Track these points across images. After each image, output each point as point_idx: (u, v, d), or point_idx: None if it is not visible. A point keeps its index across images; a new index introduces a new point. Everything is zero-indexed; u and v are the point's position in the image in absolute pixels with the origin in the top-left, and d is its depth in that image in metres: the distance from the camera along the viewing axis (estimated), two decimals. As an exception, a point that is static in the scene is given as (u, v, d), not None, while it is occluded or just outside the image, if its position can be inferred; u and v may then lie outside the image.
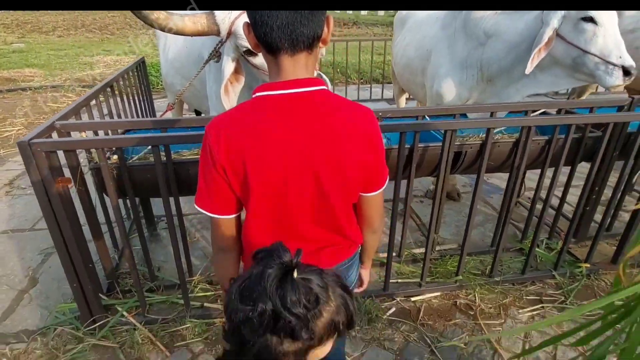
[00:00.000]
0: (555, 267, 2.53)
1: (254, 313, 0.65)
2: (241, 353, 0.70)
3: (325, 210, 1.04)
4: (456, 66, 2.67)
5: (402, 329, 2.15)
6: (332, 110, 0.96)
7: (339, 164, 0.97)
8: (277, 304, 0.64)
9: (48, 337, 2.07)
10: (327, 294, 0.71)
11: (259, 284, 0.66)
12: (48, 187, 1.70)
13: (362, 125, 0.99)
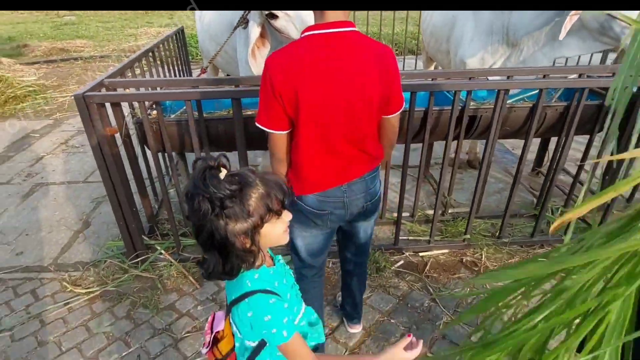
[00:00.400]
0: (566, 231, 2.58)
1: (194, 205, 0.85)
2: (203, 244, 0.90)
3: (355, 131, 1.29)
4: (481, 32, 2.69)
5: (408, 279, 2.33)
6: (363, 47, 1.23)
7: (365, 91, 1.24)
8: (206, 191, 0.84)
9: (99, 268, 2.42)
10: (255, 182, 0.88)
11: (192, 184, 0.87)
12: (99, 135, 1.98)
13: (385, 60, 1.26)
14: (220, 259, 0.90)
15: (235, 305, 0.96)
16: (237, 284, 0.96)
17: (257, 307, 0.93)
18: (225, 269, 0.91)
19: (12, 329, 2.04)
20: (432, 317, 2.07)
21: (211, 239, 0.88)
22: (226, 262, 0.91)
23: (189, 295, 2.23)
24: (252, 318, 0.93)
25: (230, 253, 0.89)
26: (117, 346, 1.94)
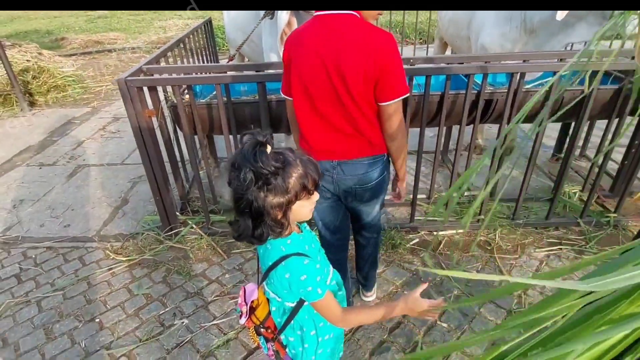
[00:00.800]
0: (581, 215, 2.64)
1: (239, 174, 0.94)
2: (239, 209, 1.00)
3: (341, 107, 1.39)
4: (501, 18, 2.74)
5: (421, 256, 2.45)
6: (353, 29, 1.31)
7: (340, 68, 1.32)
8: (254, 165, 0.93)
9: (137, 239, 2.66)
10: (295, 162, 0.99)
11: (242, 156, 0.95)
12: (139, 116, 2.18)
13: (373, 44, 1.30)
14: (252, 225, 0.99)
15: (274, 270, 1.07)
16: (272, 252, 1.07)
17: (293, 268, 1.04)
18: (255, 234, 1.00)
19: (64, 289, 2.29)
20: (443, 290, 2.20)
21: (249, 207, 0.97)
22: (256, 229, 1.00)
23: (217, 264, 2.43)
24: (290, 279, 1.05)
25: (263, 222, 0.99)
26: (155, 305, 2.16)
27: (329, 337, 1.23)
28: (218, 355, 1.87)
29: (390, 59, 1.31)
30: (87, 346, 1.95)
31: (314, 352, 1.23)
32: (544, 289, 2.17)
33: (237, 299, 1.23)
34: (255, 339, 1.20)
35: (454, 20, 3.34)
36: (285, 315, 1.18)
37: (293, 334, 1.21)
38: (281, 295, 1.13)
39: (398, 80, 1.36)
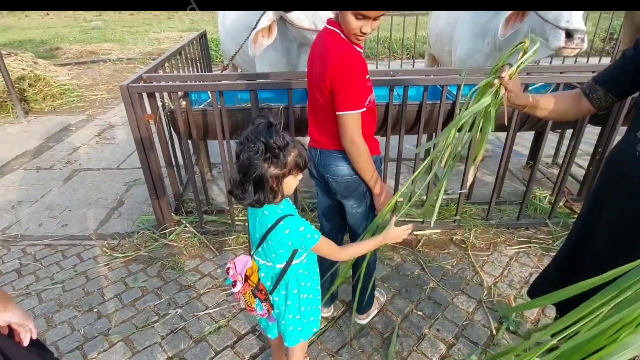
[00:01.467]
0: (550, 216, 2.86)
1: (253, 146, 1.17)
2: (246, 176, 1.21)
3: (320, 107, 1.59)
4: (477, 33, 2.98)
5: (401, 253, 2.63)
6: (326, 44, 1.49)
7: (314, 78, 1.54)
8: (267, 140, 1.17)
9: (133, 237, 2.79)
10: (294, 144, 1.23)
11: (256, 132, 1.19)
12: (139, 120, 2.35)
13: (329, 61, 1.46)
14: (253, 190, 1.22)
15: (273, 230, 1.29)
16: (270, 215, 1.30)
17: (292, 223, 1.28)
18: (255, 197, 1.23)
19: (63, 282, 2.42)
20: (420, 283, 2.37)
21: (253, 173, 1.19)
22: (256, 193, 1.23)
23: (209, 260, 2.58)
24: (289, 234, 1.28)
25: (262, 188, 1.22)
26: (150, 297, 2.29)
27: (308, 296, 1.47)
28: (210, 340, 2.01)
29: (339, 77, 1.44)
30: (85, 333, 2.07)
31: (297, 310, 1.45)
32: (512, 282, 2.36)
33: (228, 290, 1.42)
34: (251, 301, 1.38)
35: (440, 35, 3.59)
36: (274, 278, 1.39)
37: (278, 294, 1.43)
38: (277, 254, 1.34)
39: (346, 97, 1.47)
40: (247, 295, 1.37)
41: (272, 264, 1.39)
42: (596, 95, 1.35)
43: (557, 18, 2.28)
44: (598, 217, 1.44)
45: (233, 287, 1.37)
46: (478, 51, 3.00)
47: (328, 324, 2.10)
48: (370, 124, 1.68)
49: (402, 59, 7.90)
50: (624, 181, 1.31)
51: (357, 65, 1.46)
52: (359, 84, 1.49)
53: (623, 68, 1.30)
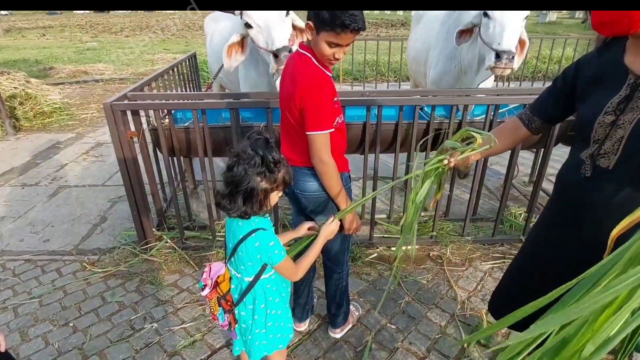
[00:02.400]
0: (524, 232, 2.94)
1: (251, 160, 1.25)
2: (237, 189, 1.27)
3: (291, 126, 1.66)
4: (446, 57, 3.13)
5: (379, 268, 2.67)
6: (297, 67, 1.57)
7: (286, 97, 1.62)
8: (264, 154, 1.25)
9: (113, 253, 2.81)
10: (284, 162, 1.32)
11: (255, 145, 1.27)
12: (122, 138, 2.42)
13: (299, 84, 1.54)
14: (242, 201, 1.29)
15: (244, 242, 1.34)
16: (244, 226, 1.35)
17: (262, 237, 1.34)
18: (243, 208, 1.29)
19: (40, 297, 2.42)
20: (396, 297, 2.41)
21: (245, 185, 1.26)
22: (245, 204, 1.29)
23: (189, 275, 2.60)
24: (259, 247, 1.33)
25: (251, 200, 1.29)
26: (127, 312, 2.30)
27: (275, 312, 1.49)
28: (184, 354, 2.02)
29: (308, 99, 1.52)
30: (60, 347, 2.07)
31: (264, 324, 1.47)
32: (485, 296, 2.41)
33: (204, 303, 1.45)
34: (214, 308, 1.41)
35: (416, 58, 3.75)
36: (241, 291, 1.43)
37: (245, 308, 1.46)
38: (246, 267, 1.38)
39: (315, 118, 1.54)
40: (213, 302, 1.41)
41: (241, 276, 1.43)
42: (534, 125, 1.47)
43: (491, 40, 2.45)
44: (546, 238, 1.51)
45: (202, 290, 1.41)
46: (448, 73, 3.14)
47: (303, 337, 2.13)
48: (339, 142, 1.76)
49: (388, 82, 8.11)
50: (571, 203, 1.37)
51: (324, 88, 1.54)
52: (327, 106, 1.56)
53: (555, 98, 1.40)
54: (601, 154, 1.24)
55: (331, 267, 1.99)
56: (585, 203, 1.32)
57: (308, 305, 2.14)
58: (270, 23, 2.30)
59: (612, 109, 1.19)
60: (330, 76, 1.62)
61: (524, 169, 3.98)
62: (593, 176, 1.27)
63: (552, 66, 8.08)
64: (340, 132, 1.75)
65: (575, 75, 1.31)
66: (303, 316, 2.17)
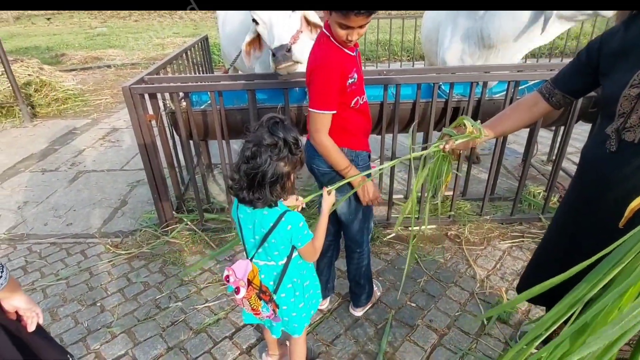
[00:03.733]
0: (542, 211, 2.91)
1: (274, 146, 1.22)
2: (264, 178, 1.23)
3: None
4: (457, 37, 3.06)
5: (397, 248, 2.68)
6: (314, 48, 1.60)
7: (305, 79, 1.63)
8: (285, 136, 1.23)
9: (136, 235, 2.87)
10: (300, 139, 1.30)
11: (273, 129, 1.23)
12: (141, 120, 2.43)
13: (310, 60, 1.59)
14: (270, 192, 1.26)
15: (275, 228, 1.32)
16: (270, 215, 1.33)
17: (292, 218, 1.33)
18: (271, 197, 1.27)
19: (67, 278, 2.49)
20: (415, 276, 2.42)
21: (271, 173, 1.23)
22: (273, 193, 1.27)
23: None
24: (291, 229, 1.33)
25: (277, 187, 1.27)
26: (152, 291, 2.36)
27: (308, 282, 1.54)
28: (209, 332, 2.07)
29: (313, 77, 1.55)
30: (89, 325, 2.14)
31: (303, 298, 1.51)
32: (504, 274, 2.41)
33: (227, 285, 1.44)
34: (256, 304, 1.39)
35: (428, 37, 3.67)
36: (277, 276, 1.44)
37: (285, 289, 1.47)
38: (279, 251, 1.39)
39: (316, 96, 1.57)
40: (253, 299, 1.38)
41: (275, 262, 1.43)
42: (555, 98, 1.44)
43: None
44: (571, 217, 1.49)
45: (236, 293, 1.36)
46: (465, 52, 3.07)
47: (324, 315, 2.16)
48: (360, 122, 1.75)
49: (401, 61, 7.97)
50: (596, 179, 1.35)
51: (332, 68, 1.52)
52: (331, 87, 1.54)
53: (579, 72, 1.38)
54: (627, 128, 1.22)
55: (351, 247, 2.00)
56: (611, 178, 1.30)
57: (330, 283, 2.17)
58: (273, 20, 2.22)
59: (638, 81, 1.16)
60: (350, 55, 1.60)
61: (542, 148, 3.91)
62: (618, 150, 1.26)
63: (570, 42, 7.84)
64: (362, 113, 1.75)
65: (600, 48, 1.29)
66: (324, 294, 2.20)
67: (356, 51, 1.66)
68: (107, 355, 1.97)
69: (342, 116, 1.66)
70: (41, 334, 1.31)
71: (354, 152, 1.75)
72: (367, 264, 2.05)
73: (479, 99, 2.62)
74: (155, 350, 1.98)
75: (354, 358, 1.92)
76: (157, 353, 1.97)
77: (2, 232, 3.01)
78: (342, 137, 1.70)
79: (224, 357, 1.94)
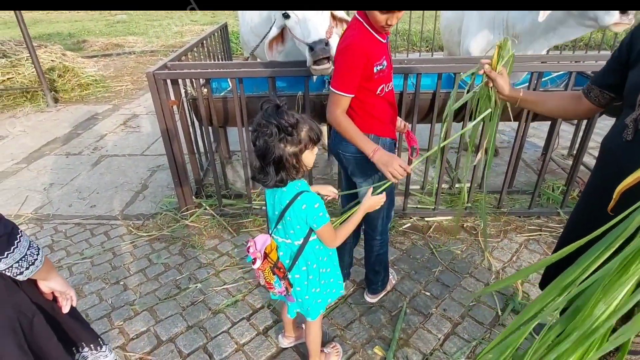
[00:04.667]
0: (561, 205, 2.88)
1: (267, 130, 1.25)
2: (266, 160, 1.29)
3: None
4: (484, 26, 3.01)
5: (412, 237, 2.70)
6: (345, 32, 1.63)
7: None
8: (278, 121, 1.25)
9: (156, 218, 2.95)
10: (303, 120, 1.31)
11: (266, 115, 1.27)
12: (163, 105, 2.49)
13: (339, 44, 1.62)
14: (275, 172, 1.31)
15: (291, 206, 1.37)
16: (288, 192, 1.38)
17: (308, 199, 1.36)
18: (277, 177, 1.32)
19: (92, 257, 2.59)
20: (430, 266, 2.44)
21: (272, 155, 1.28)
22: (278, 174, 1.32)
23: (227, 241, 2.71)
24: (306, 209, 1.36)
25: (283, 168, 1.31)
26: (172, 272, 2.44)
27: (326, 270, 1.55)
28: (227, 312, 2.14)
29: (338, 57, 1.59)
30: (113, 303, 2.23)
31: (318, 283, 1.53)
32: (520, 267, 2.41)
33: (245, 268, 1.48)
34: (269, 277, 1.44)
35: (449, 27, 3.62)
36: (292, 256, 1.47)
37: (299, 271, 1.51)
38: (295, 230, 1.42)
39: (337, 76, 1.60)
40: (267, 272, 1.43)
41: (291, 241, 1.46)
42: (593, 94, 1.43)
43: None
44: (589, 207, 1.48)
45: (253, 264, 1.43)
46: (490, 43, 3.02)
47: (339, 301, 2.20)
48: (385, 110, 1.76)
49: (420, 51, 7.87)
50: (613, 167, 1.35)
51: (359, 51, 1.54)
52: (353, 70, 1.56)
53: (611, 67, 1.38)
54: None
55: (370, 234, 2.02)
56: (627, 167, 1.30)
57: (346, 269, 2.21)
58: (307, 14, 2.23)
59: None
60: (381, 42, 1.61)
61: (563, 142, 3.85)
62: (634, 140, 1.25)
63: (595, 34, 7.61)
64: (387, 101, 1.75)
65: (630, 43, 1.31)
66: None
67: (387, 39, 1.67)
68: (130, 331, 2.05)
69: (367, 102, 1.68)
70: (75, 317, 1.37)
71: (379, 138, 1.76)
72: (384, 252, 2.07)
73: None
74: (176, 328, 2.06)
75: (368, 342, 1.96)
76: (177, 331, 2.04)
77: (29, 211, 3.12)
78: (368, 123, 1.72)
79: (242, 337, 2.00)
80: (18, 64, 5.94)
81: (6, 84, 5.75)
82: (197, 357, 1.91)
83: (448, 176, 3.43)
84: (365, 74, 1.59)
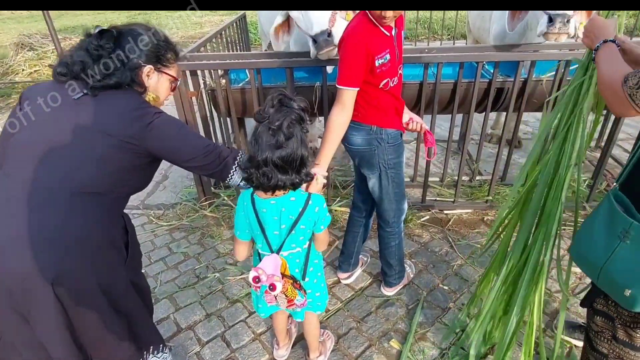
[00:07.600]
0: (587, 199, 2.78)
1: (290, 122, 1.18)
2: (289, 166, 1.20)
3: None
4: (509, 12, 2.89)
5: (431, 231, 2.66)
6: (349, 24, 1.60)
7: None
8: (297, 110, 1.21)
9: (176, 208, 3.00)
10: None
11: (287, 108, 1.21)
12: (182, 97, 2.51)
13: (342, 37, 1.61)
14: (297, 170, 1.22)
15: (305, 211, 1.29)
16: (298, 200, 1.29)
17: (319, 201, 1.33)
18: (297, 178, 1.23)
19: (115, 245, 2.66)
20: (448, 259, 2.41)
21: (305, 149, 1.21)
22: (300, 172, 1.23)
23: (246, 231, 2.73)
24: (319, 211, 1.32)
25: (304, 164, 1.23)
26: (191, 261, 2.48)
27: (319, 261, 1.55)
28: (244, 302, 2.17)
29: (340, 51, 1.58)
30: (135, 290, 2.29)
31: (322, 277, 1.55)
32: (542, 263, 2.34)
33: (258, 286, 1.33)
34: (293, 294, 1.34)
35: (482, 13, 3.51)
36: (302, 261, 1.43)
37: (309, 274, 1.47)
38: (304, 235, 1.37)
39: (339, 70, 1.57)
40: (289, 291, 1.33)
41: (300, 248, 1.39)
42: None
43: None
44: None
45: (272, 290, 1.30)
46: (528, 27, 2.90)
47: (355, 293, 2.20)
48: (390, 101, 1.71)
49: (441, 40, 7.69)
50: None
51: (358, 44, 1.50)
52: (356, 63, 1.52)
53: None
54: None
55: (381, 225, 2.02)
56: None
57: (352, 258, 2.20)
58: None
59: None
60: (385, 35, 1.56)
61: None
62: None
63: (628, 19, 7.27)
64: (391, 94, 1.70)
65: None
66: (346, 268, 2.24)
67: (395, 32, 1.62)
68: (151, 318, 2.11)
69: (369, 93, 1.64)
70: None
71: (382, 130, 1.71)
72: (396, 245, 2.05)
73: (525, 79, 2.51)
74: (195, 315, 2.10)
75: (384, 335, 1.95)
76: (196, 318, 2.08)
77: (55, 200, 3.22)
78: (370, 114, 1.68)
79: (258, 327, 2.02)
80: (44, 57, 6.10)
81: (33, 76, 5.92)
82: (215, 345, 1.95)
83: (469, 168, 3.36)
84: (365, 66, 1.55)
